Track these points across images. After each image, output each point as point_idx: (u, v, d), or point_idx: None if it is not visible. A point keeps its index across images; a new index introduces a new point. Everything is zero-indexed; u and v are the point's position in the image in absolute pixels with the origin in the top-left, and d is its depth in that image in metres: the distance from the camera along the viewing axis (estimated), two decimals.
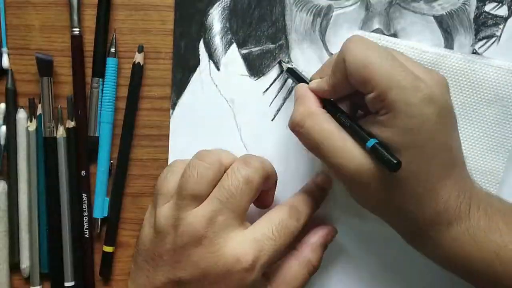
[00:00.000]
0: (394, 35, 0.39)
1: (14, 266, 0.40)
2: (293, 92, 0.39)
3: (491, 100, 0.38)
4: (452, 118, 0.32)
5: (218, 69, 0.40)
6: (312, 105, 0.34)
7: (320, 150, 0.32)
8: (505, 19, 0.39)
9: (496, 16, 0.39)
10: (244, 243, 0.32)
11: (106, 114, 0.40)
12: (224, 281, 0.31)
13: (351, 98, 0.34)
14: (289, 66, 0.39)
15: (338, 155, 0.32)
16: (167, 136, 0.40)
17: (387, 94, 0.30)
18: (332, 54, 0.40)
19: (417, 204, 0.32)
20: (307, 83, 0.36)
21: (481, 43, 0.39)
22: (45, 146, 0.40)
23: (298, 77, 0.38)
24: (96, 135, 0.40)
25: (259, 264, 0.32)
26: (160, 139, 0.40)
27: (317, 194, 0.38)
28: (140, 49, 0.40)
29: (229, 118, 0.40)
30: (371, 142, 0.30)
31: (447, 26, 0.39)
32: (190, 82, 0.40)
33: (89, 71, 0.40)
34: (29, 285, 0.40)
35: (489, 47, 0.39)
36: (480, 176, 0.38)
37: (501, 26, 0.39)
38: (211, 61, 0.40)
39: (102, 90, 0.40)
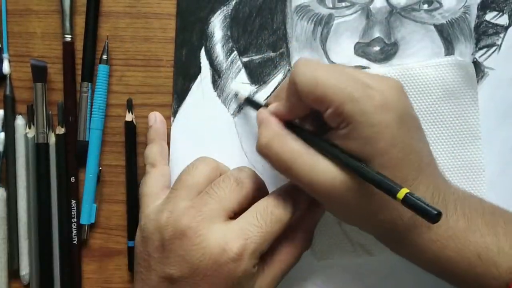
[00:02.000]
0: (395, 43, 0.39)
1: (13, 273, 0.40)
2: None
3: (444, 97, 0.38)
4: (413, 120, 0.32)
5: (219, 77, 0.40)
6: (276, 126, 0.33)
7: (292, 171, 0.32)
8: (506, 28, 0.39)
9: (496, 25, 0.39)
10: (229, 233, 0.32)
11: (96, 120, 0.40)
12: (214, 274, 0.32)
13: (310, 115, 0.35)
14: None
15: (311, 173, 0.31)
16: (168, 143, 0.40)
17: (343, 108, 0.30)
18: (333, 62, 0.40)
19: (393, 210, 0.31)
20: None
21: (481, 52, 0.40)
22: (38, 152, 0.40)
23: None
24: (86, 139, 0.40)
25: (247, 253, 0.32)
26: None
27: None
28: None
29: (230, 126, 0.40)
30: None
31: (447, 35, 0.39)
32: (191, 90, 0.40)
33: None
34: None
35: (489, 55, 0.39)
36: (464, 171, 0.39)
37: (501, 35, 0.39)
38: (212, 69, 0.40)
39: (92, 95, 0.40)
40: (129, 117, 0.40)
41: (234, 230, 0.32)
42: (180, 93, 0.40)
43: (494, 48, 0.40)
